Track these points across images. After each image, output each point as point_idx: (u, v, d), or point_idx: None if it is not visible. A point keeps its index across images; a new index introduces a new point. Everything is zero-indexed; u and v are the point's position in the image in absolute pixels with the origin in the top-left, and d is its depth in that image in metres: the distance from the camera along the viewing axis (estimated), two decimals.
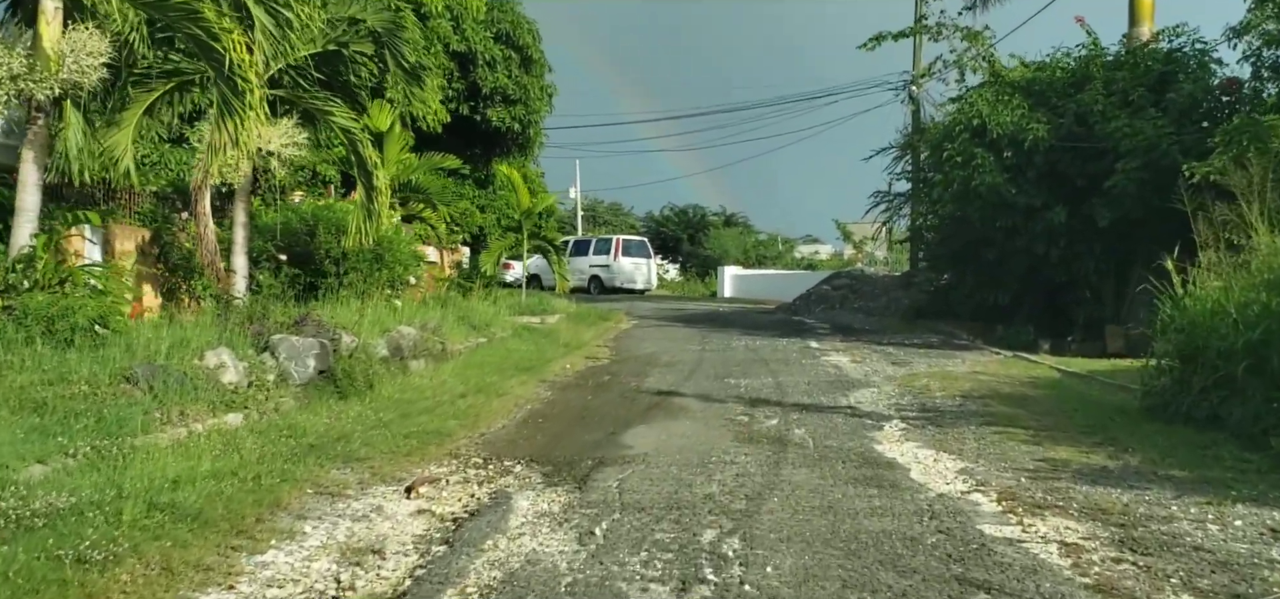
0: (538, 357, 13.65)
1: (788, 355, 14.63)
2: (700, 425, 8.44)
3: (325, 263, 12.31)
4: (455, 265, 23.16)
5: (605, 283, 34.31)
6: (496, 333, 15.34)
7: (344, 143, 11.28)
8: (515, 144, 24.77)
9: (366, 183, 11.04)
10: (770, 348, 15.82)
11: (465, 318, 14.92)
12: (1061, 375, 11.87)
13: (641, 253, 35.59)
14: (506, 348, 14.15)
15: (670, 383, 11.42)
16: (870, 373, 12.42)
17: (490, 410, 8.98)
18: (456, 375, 10.89)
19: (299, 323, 9.21)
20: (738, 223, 60.21)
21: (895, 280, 25.47)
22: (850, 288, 25.41)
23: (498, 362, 12.46)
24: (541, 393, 10.45)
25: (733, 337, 17.97)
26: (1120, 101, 16.09)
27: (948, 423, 8.55)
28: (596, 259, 34.75)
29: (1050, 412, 9.11)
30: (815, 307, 24.72)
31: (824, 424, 8.51)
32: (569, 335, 17.25)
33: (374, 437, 7.23)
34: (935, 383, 11.26)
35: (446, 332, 13.05)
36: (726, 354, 14.82)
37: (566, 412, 9.25)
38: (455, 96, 22.84)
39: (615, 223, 62.50)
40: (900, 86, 26.73)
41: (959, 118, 17.06)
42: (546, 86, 24.89)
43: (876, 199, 25.66)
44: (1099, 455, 7.06)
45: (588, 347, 15.99)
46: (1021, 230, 16.52)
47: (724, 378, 11.86)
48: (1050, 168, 16.48)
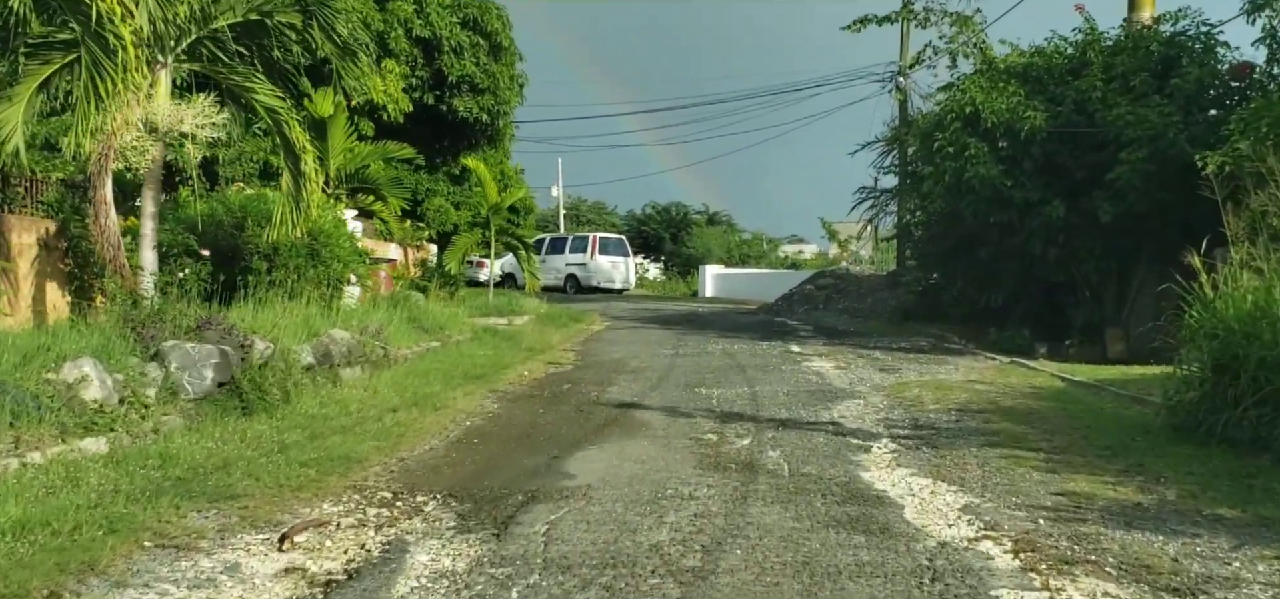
0: (493, 362, 12.47)
1: (766, 361, 13.50)
2: (660, 446, 7.28)
3: (255, 259, 11.10)
4: (420, 264, 21.96)
5: (582, 282, 33.13)
6: (453, 336, 14.15)
7: (268, 124, 10.08)
8: (484, 136, 23.56)
9: (293, 168, 9.85)
10: (748, 352, 14.69)
11: (417, 320, 13.73)
12: (1066, 385, 10.78)
13: (619, 251, 34.41)
14: (460, 353, 12.96)
15: (635, 393, 10.27)
16: (856, 381, 11.30)
17: (420, 428, 7.80)
18: (394, 385, 9.70)
19: (201, 327, 8.01)
20: (721, 221, 59.15)
21: (881, 280, 24.41)
22: (835, 288, 24.33)
23: (446, 368, 11.27)
24: (487, 406, 9.27)
25: (709, 339, 16.83)
26: (1121, 88, 15.05)
27: (945, 443, 7.43)
28: (573, 258, 33.55)
29: (1061, 428, 8.00)
30: (798, 307, 23.63)
31: (803, 444, 7.37)
32: (534, 338, 16.08)
33: (264, 465, 6.04)
34: (928, 393, 10.15)
35: (391, 335, 11.85)
36: (700, 359, 13.68)
37: (509, 429, 8.08)
38: (419, 85, 21.64)
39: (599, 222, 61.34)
40: (887, 78, 25.71)
41: (950, 106, 15.97)
42: (517, 76, 23.70)
43: (862, 195, 24.69)
44: (1127, 487, 5.95)
45: (552, 350, 14.82)
46: (1017, 227, 15.45)
47: (695, 387, 10.72)
48: (1048, 159, 15.42)
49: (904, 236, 25.61)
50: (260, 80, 9.87)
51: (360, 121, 20.56)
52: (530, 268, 21.31)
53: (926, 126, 16.80)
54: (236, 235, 11.16)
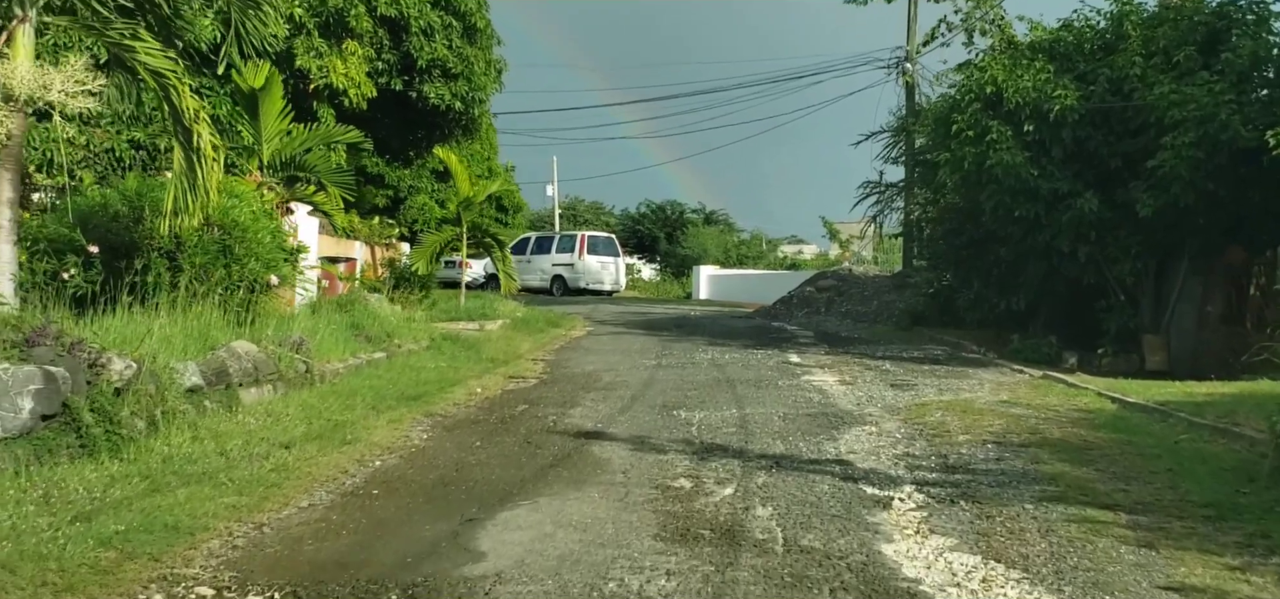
0: (442, 378, 10.73)
1: (761, 374, 11.76)
2: (614, 501, 5.54)
3: (154, 258, 9.35)
4: (387, 264, 20.21)
5: (569, 283, 31.36)
6: (403, 345, 12.40)
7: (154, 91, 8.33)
8: (458, 125, 21.79)
9: (185, 144, 8.10)
10: (740, 363, 12.94)
11: (362, 327, 11.97)
12: (1120, 407, 9.01)
13: (609, 251, 32.61)
14: (407, 366, 11.21)
15: (600, 417, 8.53)
16: (865, 401, 9.56)
17: (308, 475, 6.05)
18: (304, 411, 7.95)
19: (31, 341, 6.25)
20: (718, 220, 57.40)
21: (887, 281, 22.66)
22: (836, 290, 22.58)
23: (381, 387, 9.52)
24: (413, 437, 7.52)
25: (698, 347, 15.09)
26: (1163, 64, 13.31)
27: (988, 495, 5.68)
28: (559, 258, 31.76)
29: (1135, 472, 6.25)
30: (797, 311, 21.88)
31: (802, 496, 5.63)
32: (501, 347, 14.33)
33: (41, 543, 4.29)
34: (954, 418, 8.40)
35: (320, 347, 10.10)
36: (685, 372, 11.93)
37: (427, 473, 6.33)
38: (386, 69, 19.88)
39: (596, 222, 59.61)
40: (892, 64, 23.93)
41: (968, 86, 14.21)
42: (494, 61, 21.93)
43: (866, 190, 22.97)
44: (1263, 575, 4.21)
45: (519, 361, 13.08)
46: (1043, 221, 13.70)
47: (674, 409, 8.97)
48: (1079, 146, 13.68)
49: (911, 234, 23.87)
50: (144, 37, 8.11)
51: (320, 108, 18.81)
52: (505, 268, 19.55)
53: (941, 110, 15.05)
54: (133, 228, 9.40)
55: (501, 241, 19.63)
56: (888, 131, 22.70)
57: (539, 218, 59.95)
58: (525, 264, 32.06)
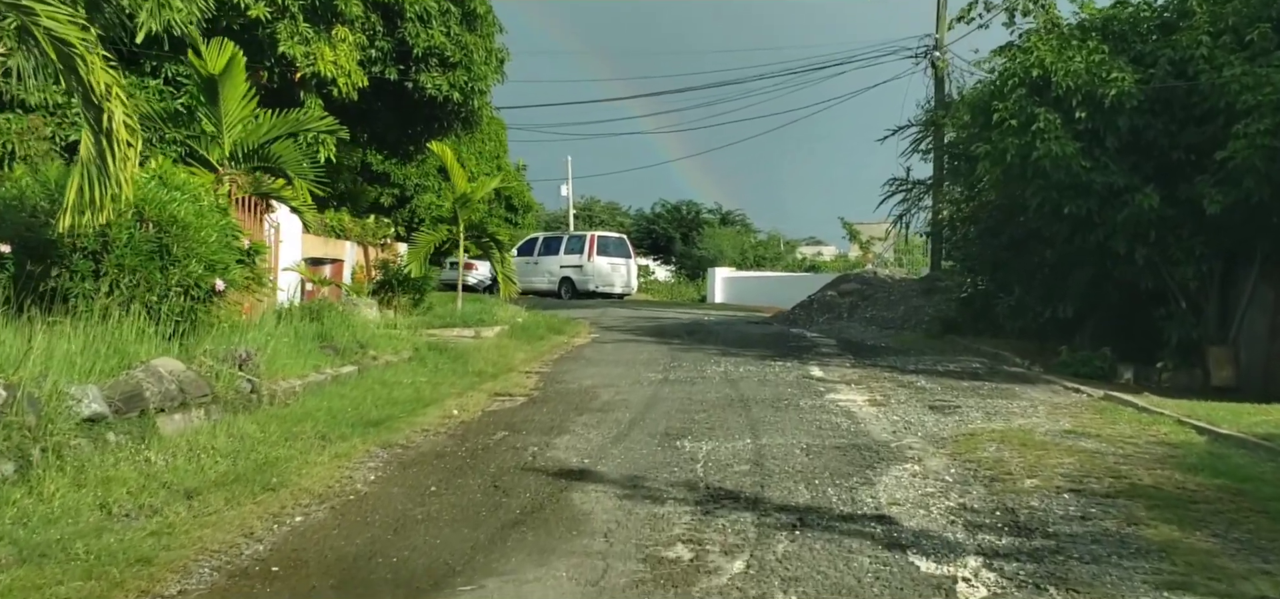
0: (418, 396, 9.42)
1: (779, 391, 10.38)
2: (586, 585, 4.19)
3: (77, 258, 8.09)
4: (381, 266, 18.94)
5: (578, 286, 30.02)
6: (379, 358, 11.09)
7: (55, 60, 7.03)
8: (456, 117, 20.50)
9: (95, 126, 6.83)
10: (757, 377, 11.57)
11: (330, 337, 10.67)
12: (1211, 440, 7.56)
13: (620, 252, 31.23)
14: (380, 382, 9.91)
15: (590, 449, 7.18)
16: (901, 428, 8.17)
17: (197, 542, 4.72)
18: (235, 442, 6.64)
19: None
20: (735, 221, 55.95)
21: (915, 285, 21.21)
22: (860, 294, 21.14)
23: (340, 409, 8.22)
24: (358, 479, 6.20)
25: (710, 358, 13.72)
26: (1234, 43, 11.83)
27: (1084, 576, 4.30)
28: (568, 259, 30.42)
29: (1270, 541, 4.84)
30: (818, 316, 20.46)
31: (836, 577, 4.28)
32: (493, 357, 13.00)
33: None
34: (1012, 453, 7.00)
35: (274, 361, 8.79)
36: (694, 389, 10.57)
37: (354, 537, 4.99)
38: (380, 57, 18.60)
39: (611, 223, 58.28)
40: (920, 53, 22.47)
41: (1012, 70, 12.76)
42: (496, 50, 20.62)
43: (892, 188, 21.50)
44: None
45: (510, 375, 11.76)
46: (1096, 220, 12.26)
47: (678, 437, 7.62)
48: (1136, 136, 12.24)
49: (939, 235, 22.41)
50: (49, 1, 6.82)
51: (307, 99, 17.54)
52: (505, 271, 18.24)
53: (980, 97, 13.60)
54: (53, 226, 8.13)
55: (501, 242, 18.32)
56: (916, 125, 21.26)
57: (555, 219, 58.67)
58: (532, 266, 30.77)
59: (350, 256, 18.91)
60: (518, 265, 32.09)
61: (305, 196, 11.31)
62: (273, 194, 11.33)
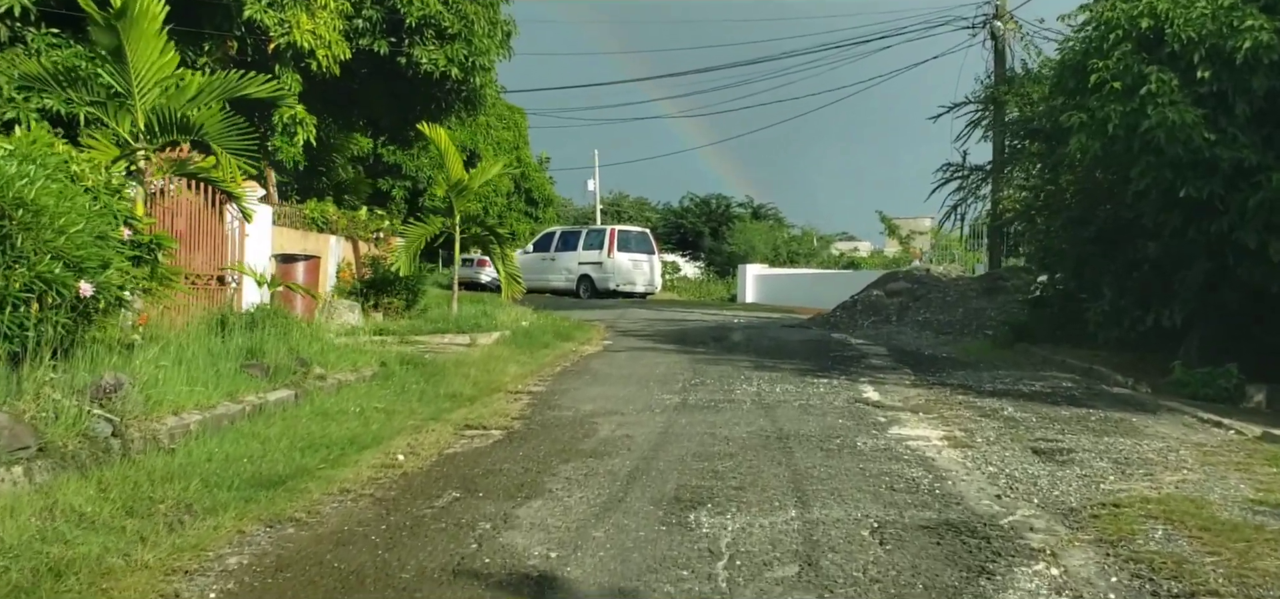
0: (359, 434, 7.27)
1: (828, 423, 8.12)
2: None
3: None
4: (371, 263, 16.87)
5: (598, 285, 27.83)
6: (331, 378, 8.96)
7: None
8: (456, 97, 18.37)
9: None
10: (797, 402, 9.30)
11: (260, 353, 8.53)
12: None
13: (643, 247, 28.98)
14: (318, 412, 7.78)
15: (563, 531, 4.97)
16: (1006, 488, 5.87)
17: None
18: (40, 524, 4.51)
19: None
20: (767, 215, 53.59)
21: (973, 284, 18.79)
22: (911, 294, 18.75)
23: (237, 458, 6.09)
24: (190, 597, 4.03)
25: (740, 372, 11.49)
26: None
27: None
28: (587, 255, 28.23)
29: None
30: (862, 319, 18.10)
31: None
32: (479, 373, 10.83)
33: None
34: (1192, 543, 4.69)
35: (165, 391, 6.67)
36: (718, 418, 8.34)
37: None
38: (368, 28, 16.52)
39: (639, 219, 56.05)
40: (977, 23, 20.00)
41: (1114, 20, 10.34)
42: (501, 21, 18.47)
43: (946, 174, 19.10)
44: None
45: (494, 397, 9.59)
46: (1219, 207, 9.88)
47: (691, 506, 5.39)
48: (1273, 102, 9.81)
49: (1000, 227, 19.99)
50: None
51: (283, 73, 15.48)
52: (507, 269, 16.08)
53: (1073, 56, 11.16)
54: None
55: (501, 236, 16.17)
56: (974, 102, 18.83)
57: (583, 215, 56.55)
58: (548, 263, 28.68)
59: (335, 252, 16.86)
60: (533, 262, 30.03)
61: (233, 173, 9.11)
62: (200, 174, 9.19)
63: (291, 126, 15.71)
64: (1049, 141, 13.06)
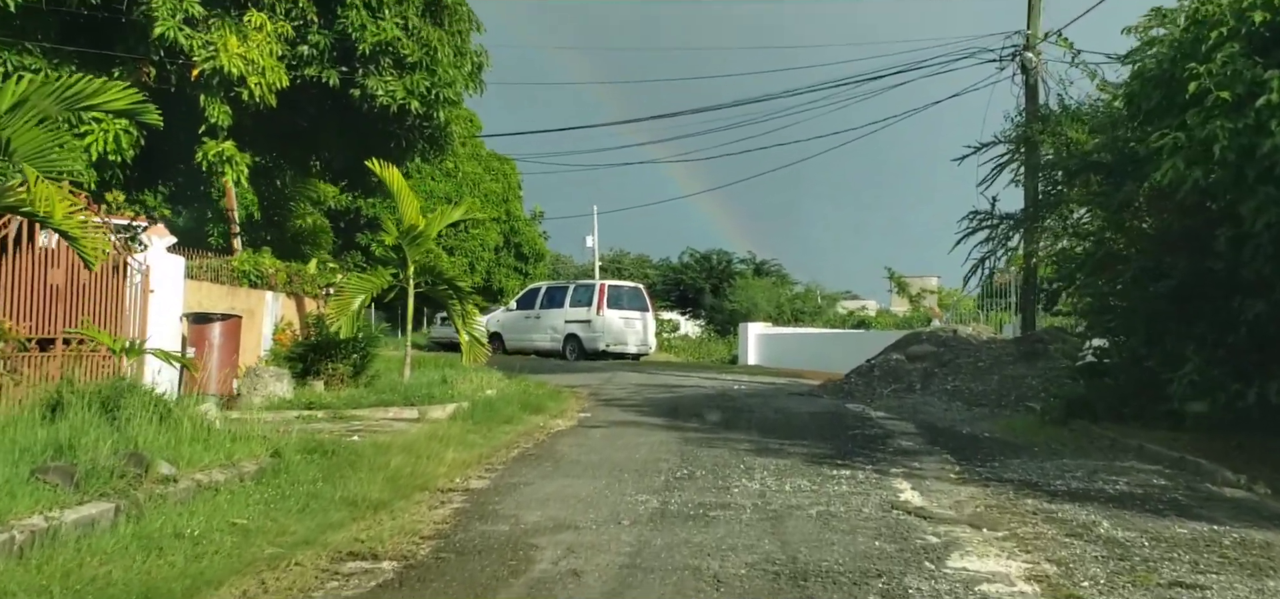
0: (193, 567, 5.00)
1: (859, 547, 5.82)
2: None
3: None
4: (315, 323, 14.62)
5: (586, 345, 25.51)
6: (191, 480, 6.66)
7: None
8: (418, 134, 16.26)
9: None
10: (814, 505, 7.00)
11: (70, 448, 6.22)
12: None
13: (635, 304, 26.70)
14: (135, 538, 5.50)
15: None
16: None
17: None
18: None
19: None
20: (770, 272, 51.37)
21: (1007, 347, 16.46)
22: (936, 358, 16.42)
23: None
24: None
25: (739, 457, 9.18)
26: None
27: None
28: (574, 313, 25.94)
29: None
30: (882, 387, 15.76)
31: None
32: (409, 462, 8.51)
33: None
34: None
35: None
36: (706, 536, 6.04)
37: None
38: (314, 55, 14.46)
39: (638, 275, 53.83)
40: (1005, 56, 17.92)
41: (1210, 15, 8.14)
42: (471, 51, 16.44)
43: (973, 222, 16.87)
44: None
45: (412, 501, 7.28)
46: None
47: None
48: None
49: (1033, 281, 17.78)
50: None
51: (210, 106, 13.36)
52: (468, 328, 13.80)
53: (1154, 65, 8.91)
54: None
55: (461, 290, 13.87)
56: (1004, 141, 16.69)
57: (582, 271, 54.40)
58: (532, 321, 26.41)
59: (273, 310, 14.61)
60: (516, 321, 27.77)
61: (53, 204, 6.85)
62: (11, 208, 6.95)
63: (218, 165, 13.57)
64: (1111, 177, 10.86)
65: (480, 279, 36.42)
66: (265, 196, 19.92)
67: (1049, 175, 16.33)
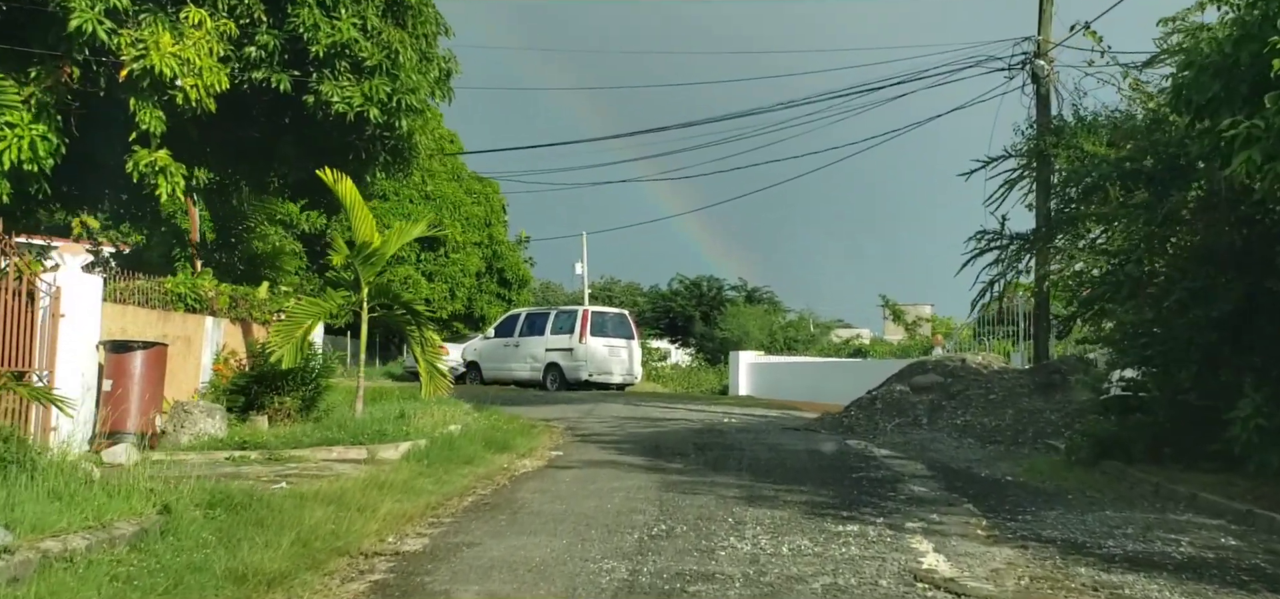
0: None
1: None
2: None
3: None
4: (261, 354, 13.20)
5: (568, 375, 24.12)
6: (36, 550, 5.28)
7: None
8: (380, 145, 14.94)
9: None
10: (818, 578, 5.67)
11: None
12: None
13: (620, 331, 25.34)
14: None
15: None
16: None
17: None
18: None
19: None
20: (762, 299, 50.04)
21: (1021, 379, 15.14)
22: (943, 390, 15.09)
23: None
24: None
25: (727, 507, 7.84)
26: None
27: None
28: (555, 341, 24.56)
29: None
30: (885, 421, 14.42)
31: None
32: (334, 517, 7.12)
33: None
34: None
35: None
36: None
37: None
38: (263, 57, 13.15)
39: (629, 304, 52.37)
40: (1017, 63, 16.71)
41: None
42: (438, 57, 15.19)
43: (981, 243, 15.62)
44: None
45: (326, 570, 5.93)
46: None
47: None
48: None
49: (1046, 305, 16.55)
50: None
51: (141, 110, 12.02)
52: (427, 356, 12.42)
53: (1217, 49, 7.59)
54: None
55: (419, 315, 12.48)
56: (1015, 155, 15.48)
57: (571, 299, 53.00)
58: (511, 349, 25.03)
59: (212, 338, 13.21)
60: (495, 349, 26.36)
61: None
62: None
63: (150, 177, 12.23)
64: (1153, 185, 9.59)
65: (461, 306, 35.04)
66: (220, 216, 18.56)
67: (1063, 192, 15.10)
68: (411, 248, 33.67)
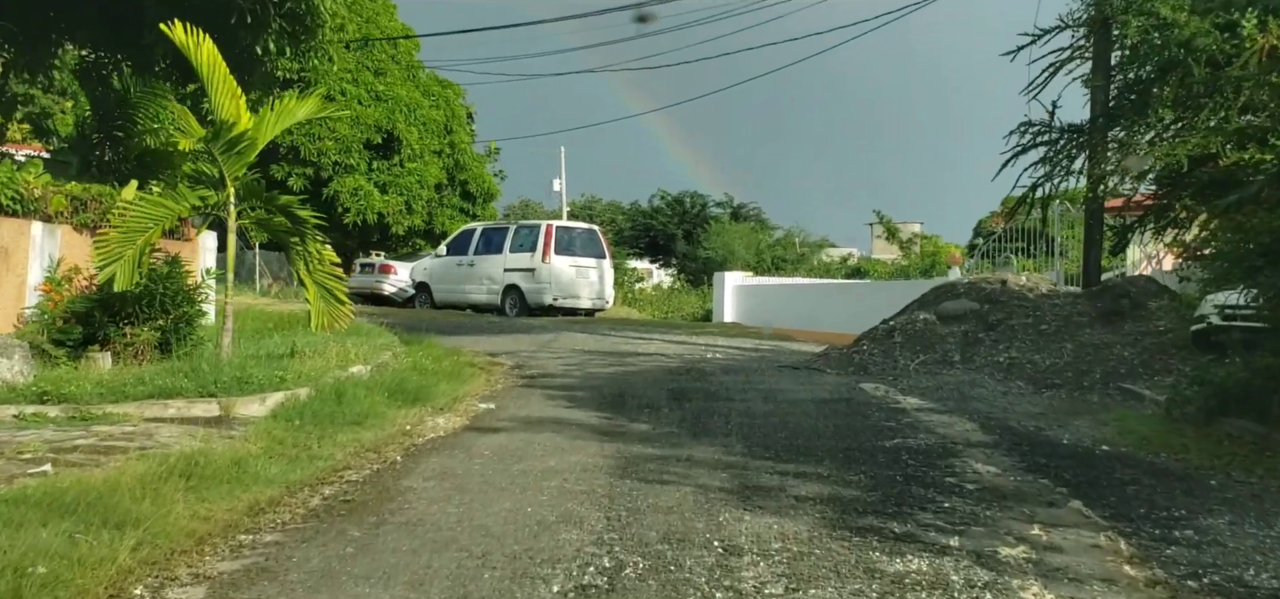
0: None
1: None
2: None
3: None
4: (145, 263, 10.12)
5: (530, 299, 21.18)
6: None
7: None
8: (273, 9, 11.71)
9: None
10: None
11: None
12: None
13: (590, 249, 22.30)
14: None
15: None
16: None
17: None
18: None
19: None
20: (748, 216, 46.98)
21: (1077, 304, 12.24)
22: (980, 318, 12.22)
23: None
24: None
25: (712, 521, 4.97)
26: None
27: None
28: (515, 260, 21.54)
29: None
30: (907, 358, 11.58)
31: None
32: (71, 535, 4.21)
33: None
34: None
35: None
36: None
37: None
38: None
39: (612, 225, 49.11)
40: None
41: None
42: None
43: (1026, 137, 12.74)
44: None
45: None
46: None
47: None
48: None
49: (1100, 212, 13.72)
50: None
51: None
52: (316, 277, 9.42)
53: None
54: None
55: (303, 222, 9.40)
56: (1070, 25, 12.47)
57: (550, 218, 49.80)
58: (465, 269, 22.05)
59: (41, 250, 10.17)
60: (446, 269, 23.28)
61: None
62: None
63: None
64: None
65: (421, 221, 31.88)
66: (101, 104, 15.32)
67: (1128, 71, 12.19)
68: (361, 155, 30.40)
